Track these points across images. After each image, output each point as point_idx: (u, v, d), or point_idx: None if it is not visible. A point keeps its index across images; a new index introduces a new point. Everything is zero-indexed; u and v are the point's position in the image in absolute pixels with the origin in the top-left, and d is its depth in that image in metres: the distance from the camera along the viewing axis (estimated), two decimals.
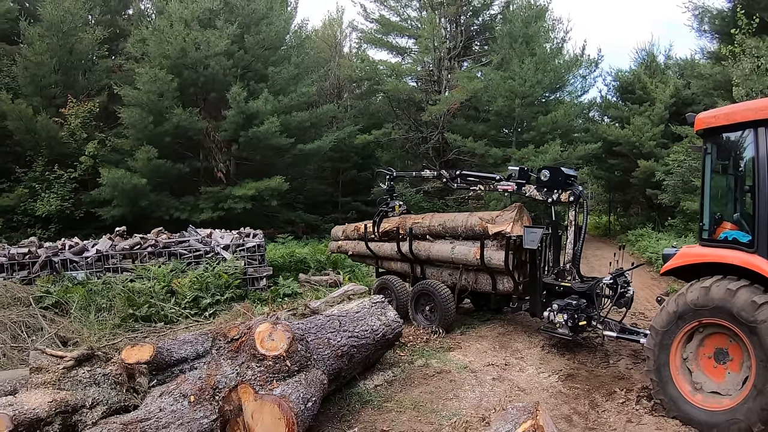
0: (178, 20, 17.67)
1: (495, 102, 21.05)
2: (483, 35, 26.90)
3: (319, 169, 23.78)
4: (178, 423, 3.47)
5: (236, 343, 4.00)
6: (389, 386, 5.66)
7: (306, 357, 4.06)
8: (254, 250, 10.78)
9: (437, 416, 4.88)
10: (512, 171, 7.84)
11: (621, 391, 5.71)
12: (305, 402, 3.77)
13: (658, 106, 22.84)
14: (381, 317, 5.79)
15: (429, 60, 25.06)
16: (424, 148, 24.26)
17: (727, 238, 5.08)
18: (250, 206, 17.78)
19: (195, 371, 4.14)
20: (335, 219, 20.48)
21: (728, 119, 5.00)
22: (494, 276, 7.58)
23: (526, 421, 3.86)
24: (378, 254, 9.28)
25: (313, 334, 4.65)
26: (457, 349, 7.11)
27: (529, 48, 21.45)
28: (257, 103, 17.91)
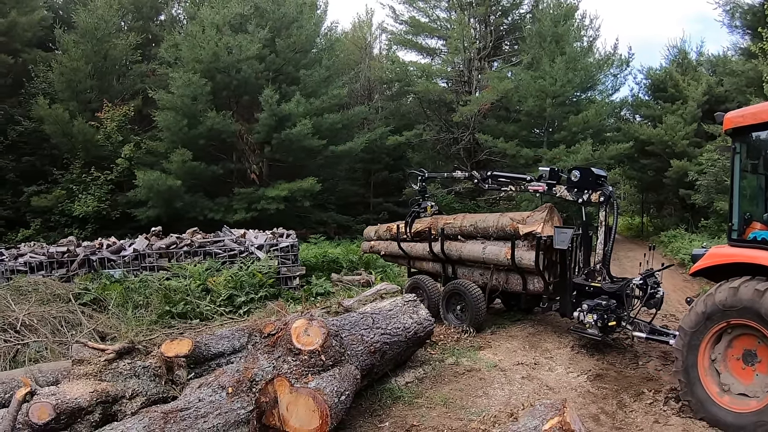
0: (209, 25, 18.10)
1: (526, 102, 21.06)
2: (512, 35, 26.86)
3: (350, 170, 24.03)
4: (216, 413, 3.62)
5: (273, 338, 4.14)
6: (420, 383, 5.74)
7: (340, 352, 4.18)
8: (287, 250, 10.97)
9: (466, 413, 4.96)
10: (543, 172, 7.87)
11: (649, 392, 5.70)
12: (339, 395, 3.88)
13: (691, 104, 22.56)
14: (413, 315, 5.89)
15: (459, 60, 25.08)
16: (455, 149, 24.28)
17: (756, 238, 5.06)
18: (283, 207, 18.11)
19: (232, 365, 4.30)
20: (367, 220, 20.74)
21: (756, 118, 4.99)
22: (525, 276, 7.62)
23: (554, 417, 3.93)
24: (410, 254, 9.36)
25: (347, 331, 4.77)
26: (487, 348, 7.16)
27: (559, 47, 21.39)
28: (289, 106, 18.22)
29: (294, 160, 19.66)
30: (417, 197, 9.88)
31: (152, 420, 3.39)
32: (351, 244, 16.56)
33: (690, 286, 11.36)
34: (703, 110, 22.06)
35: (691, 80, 24.07)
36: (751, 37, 18.04)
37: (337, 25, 26.27)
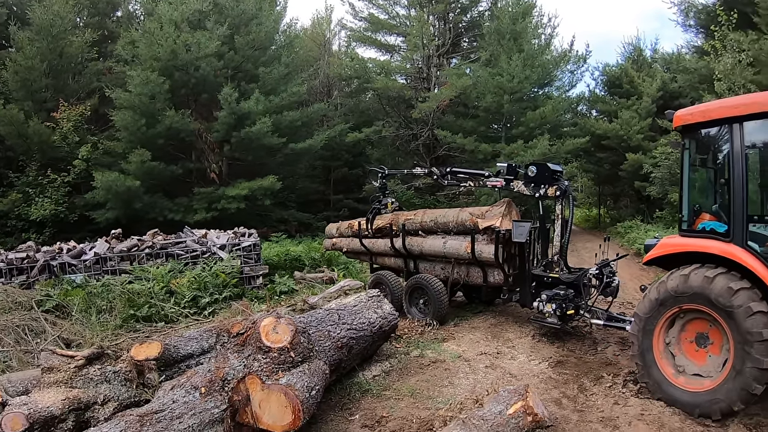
0: (167, 22, 17.82)
1: (484, 98, 21.38)
2: (471, 32, 27.07)
3: (310, 168, 24.02)
4: (190, 413, 3.67)
5: (242, 337, 4.19)
6: (387, 376, 5.88)
7: (308, 348, 4.27)
8: (250, 249, 10.94)
9: (433, 402, 5.12)
10: (501, 167, 8.06)
11: (608, 376, 5.93)
12: (309, 390, 3.97)
13: (646, 100, 23.29)
14: (377, 310, 6.01)
15: (418, 57, 25.28)
16: (414, 145, 24.46)
17: (705, 229, 5.32)
18: (243, 206, 18.00)
19: (203, 365, 4.35)
20: (327, 217, 20.67)
21: (704, 116, 5.23)
22: (485, 269, 7.82)
23: (517, 402, 4.17)
24: (372, 250, 9.48)
25: (314, 327, 4.86)
26: (451, 339, 7.34)
27: (517, 44, 21.77)
28: (248, 104, 18.13)
29: (254, 159, 19.61)
30: (377, 194, 10.00)
31: (128, 424, 3.43)
32: (312, 241, 16.59)
33: (646, 274, 11.77)
34: (657, 105, 22.86)
35: (646, 77, 24.92)
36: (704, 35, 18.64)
37: (296, 22, 26.24)
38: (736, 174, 4.92)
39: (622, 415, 4.99)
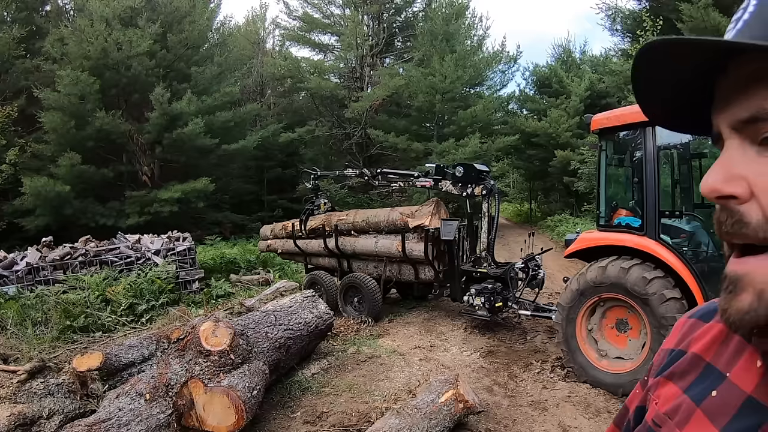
0: (98, 19, 17.22)
1: (416, 98, 21.82)
2: (405, 32, 27.49)
3: (243, 169, 23.77)
4: (137, 420, 3.80)
5: (182, 342, 4.34)
6: (325, 373, 6.08)
7: (247, 350, 4.44)
8: (185, 253, 10.93)
9: (370, 396, 5.38)
10: (429, 168, 8.42)
11: (537, 363, 6.32)
12: (251, 391, 4.15)
13: (574, 99, 24.12)
14: (313, 310, 6.22)
15: (352, 57, 25.43)
16: (347, 145, 24.64)
17: (621, 224, 5.77)
18: (177, 209, 17.73)
19: (145, 372, 4.48)
20: (262, 218, 20.55)
21: (620, 120, 5.67)
22: (416, 266, 8.14)
23: (448, 391, 4.46)
24: (306, 251, 9.70)
25: (252, 329, 5.03)
26: (386, 335, 7.63)
27: (450, 45, 22.36)
28: (180, 104, 17.88)
29: (186, 160, 19.33)
30: (310, 195, 10.20)
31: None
32: (248, 243, 16.55)
33: (574, 266, 12.43)
34: (585, 105, 23.67)
35: (575, 77, 25.82)
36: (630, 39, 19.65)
37: (230, 19, 25.92)
38: (648, 173, 5.35)
39: (550, 398, 5.32)
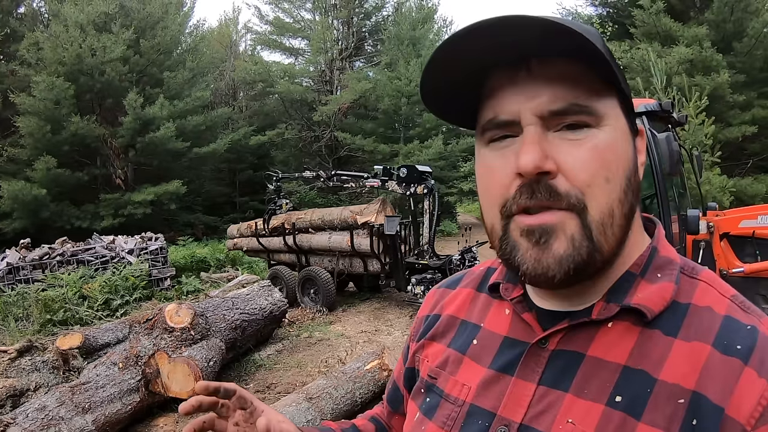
0: (73, 24, 17.60)
1: (382, 101, 22.56)
2: (374, 36, 28.02)
3: (215, 171, 24.26)
4: (111, 384, 4.51)
5: (150, 322, 5.13)
6: (279, 354, 6.74)
7: (206, 328, 5.21)
8: (157, 252, 11.48)
9: (314, 369, 6.10)
10: (378, 170, 9.09)
11: None
12: (208, 361, 4.86)
13: None
14: (268, 298, 6.88)
15: (321, 61, 25.87)
16: (316, 147, 25.09)
17: None
18: (150, 211, 18.17)
19: (119, 346, 5.29)
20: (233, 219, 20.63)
21: None
22: (365, 259, 8.83)
23: (374, 360, 5.12)
24: (269, 248, 10.35)
25: (211, 312, 5.72)
26: (338, 322, 8.32)
27: (416, 49, 23.04)
28: (153, 109, 18.35)
29: (159, 164, 19.85)
30: (273, 196, 10.84)
31: (62, 393, 4.24)
32: (218, 243, 16.98)
33: None
34: None
35: None
36: None
37: (204, 23, 26.16)
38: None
39: None
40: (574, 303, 0.74)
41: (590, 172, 0.65)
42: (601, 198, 0.65)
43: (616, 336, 0.69)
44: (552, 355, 0.72)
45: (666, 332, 0.67)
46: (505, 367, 0.76)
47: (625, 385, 0.65)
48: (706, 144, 10.57)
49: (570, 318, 0.72)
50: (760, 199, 13.32)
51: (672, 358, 0.65)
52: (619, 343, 0.68)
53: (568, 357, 0.71)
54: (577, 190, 0.65)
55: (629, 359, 0.67)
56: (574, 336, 0.72)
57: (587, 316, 0.71)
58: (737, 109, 14.91)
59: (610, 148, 0.66)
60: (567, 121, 0.66)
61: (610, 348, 0.68)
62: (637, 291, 0.70)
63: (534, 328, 0.76)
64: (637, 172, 0.71)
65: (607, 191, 0.66)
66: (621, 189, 0.67)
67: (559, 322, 0.73)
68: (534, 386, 0.71)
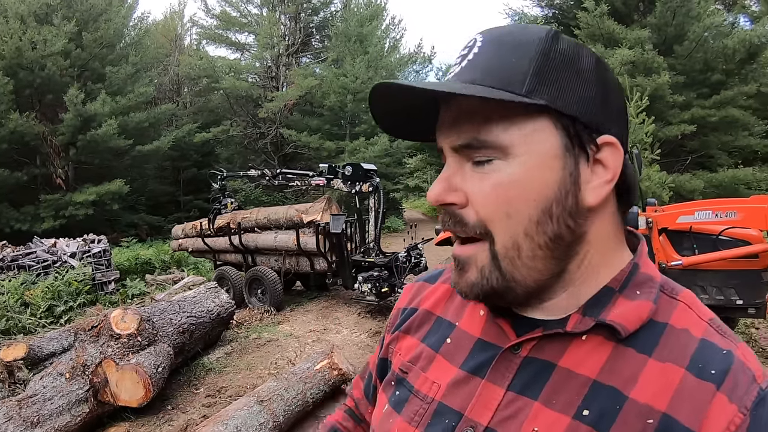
0: (13, 16, 16.93)
1: (328, 98, 22.45)
2: (322, 32, 27.94)
3: (159, 170, 23.73)
4: (59, 395, 4.41)
5: (96, 329, 5.03)
6: (228, 356, 6.68)
7: (153, 333, 5.15)
8: (100, 255, 11.22)
9: (264, 371, 6.09)
10: (323, 168, 9.10)
11: None
12: (156, 367, 4.82)
13: None
14: (215, 300, 6.82)
15: (267, 56, 25.63)
16: (261, 144, 24.94)
17: None
18: (92, 212, 17.74)
19: (65, 355, 5.24)
20: (178, 219, 20.27)
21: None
22: (311, 258, 8.82)
23: (323, 360, 5.15)
24: (214, 248, 10.20)
25: (158, 316, 5.63)
26: (286, 322, 8.28)
27: (363, 46, 23.08)
28: (95, 106, 17.85)
29: (100, 162, 19.42)
30: (218, 195, 10.70)
31: (9, 408, 4.15)
32: (163, 244, 16.60)
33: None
34: None
35: None
36: None
37: (148, 16, 25.28)
38: None
39: None
40: (550, 312, 0.74)
41: (490, 209, 0.67)
42: (503, 233, 0.68)
43: (588, 349, 0.69)
44: (523, 362, 0.73)
45: (640, 350, 0.67)
46: (475, 368, 0.77)
47: (593, 400, 0.66)
48: (645, 142, 11.00)
49: (544, 327, 0.73)
50: (699, 194, 14.07)
51: (644, 377, 0.65)
52: (592, 356, 0.69)
53: (540, 365, 0.71)
54: (481, 222, 0.68)
55: (600, 374, 0.67)
56: (546, 345, 0.72)
57: (562, 327, 0.71)
58: (677, 108, 15.74)
59: (513, 184, 0.67)
60: (475, 156, 0.68)
61: (582, 361, 0.69)
62: (615, 307, 0.70)
63: (507, 334, 0.76)
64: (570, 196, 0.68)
65: (508, 226, 0.67)
66: (531, 223, 0.67)
67: (533, 329, 0.74)
68: (503, 391, 0.72)
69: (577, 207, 0.69)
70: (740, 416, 0.61)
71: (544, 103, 0.65)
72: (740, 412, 0.61)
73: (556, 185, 0.68)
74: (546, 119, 0.67)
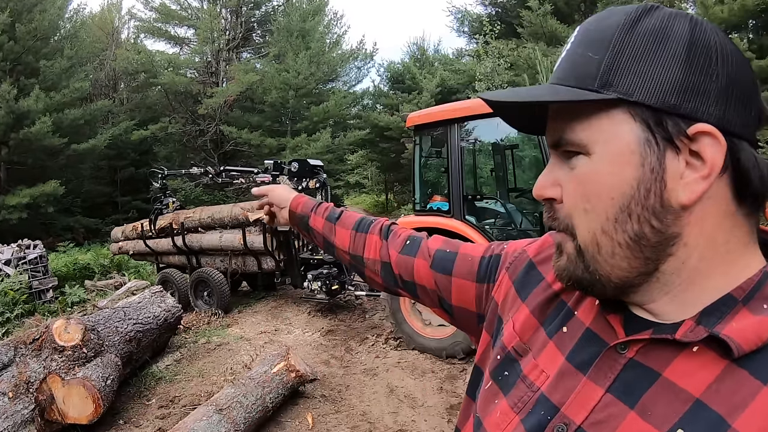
0: None
1: (270, 94, 22.15)
2: (263, 27, 27.41)
3: (95, 169, 22.88)
4: (3, 417, 4.20)
5: (38, 342, 4.76)
6: (178, 363, 6.48)
7: (99, 344, 4.92)
8: (37, 261, 10.79)
9: (218, 377, 5.91)
10: (268, 164, 8.85)
11: (373, 337, 7.07)
12: (105, 380, 4.59)
13: (425, 95, 25.19)
14: (161, 304, 6.59)
15: (207, 51, 25.03)
16: (201, 141, 24.25)
17: (432, 208, 6.58)
18: (26, 215, 16.98)
19: (6, 374, 4.95)
20: (116, 220, 19.75)
21: (429, 118, 6.43)
22: (258, 257, 8.66)
23: (280, 362, 5.08)
24: (157, 250, 9.88)
25: (103, 325, 5.37)
26: (235, 324, 8.08)
27: (305, 42, 22.94)
28: (28, 102, 17.08)
29: (34, 162, 18.59)
30: (159, 195, 10.37)
31: None
32: (102, 248, 16.12)
33: None
34: (436, 100, 24.58)
35: (427, 74, 27.07)
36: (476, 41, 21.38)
37: (84, 7, 24.43)
38: (453, 163, 6.14)
39: (381, 365, 6.05)
40: (659, 316, 0.70)
41: (571, 204, 0.69)
42: (582, 228, 0.69)
43: (698, 364, 0.63)
44: (628, 364, 0.69)
45: (754, 374, 0.59)
46: (581, 363, 0.74)
47: (692, 420, 0.61)
48: None
49: (654, 330, 0.68)
50: None
51: (754, 406, 0.58)
52: (699, 372, 0.63)
53: (643, 371, 0.67)
54: (567, 217, 0.70)
55: (705, 394, 0.61)
56: (654, 350, 0.67)
57: (672, 332, 0.66)
58: None
59: (590, 180, 0.67)
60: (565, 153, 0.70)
61: (688, 375, 0.63)
62: (734, 320, 0.63)
63: (616, 330, 0.73)
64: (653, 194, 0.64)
65: (586, 222, 0.68)
66: (606, 220, 0.66)
67: (642, 330, 0.70)
68: (602, 392, 0.69)
69: (662, 206, 0.64)
70: None
71: (616, 96, 0.63)
72: None
73: (635, 182, 0.64)
74: (622, 112, 0.64)
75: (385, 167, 30.89)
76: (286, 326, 8.06)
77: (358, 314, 8.45)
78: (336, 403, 5.27)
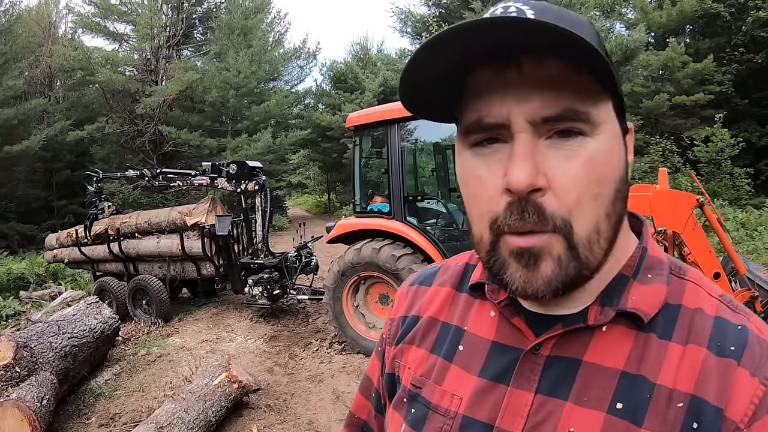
0: None
1: (210, 93, 21.74)
2: (205, 24, 26.92)
3: (29, 172, 21.84)
4: None
5: None
6: (118, 378, 6.28)
7: (33, 362, 4.74)
8: None
9: (159, 392, 5.76)
10: (206, 166, 8.82)
11: (317, 342, 7.03)
12: (41, 400, 4.40)
13: (368, 95, 25.35)
14: (97, 316, 6.38)
15: (147, 48, 24.29)
16: (139, 142, 23.50)
17: (373, 210, 6.62)
18: None
19: None
20: (52, 226, 18.83)
21: (369, 119, 6.48)
22: (197, 263, 8.50)
23: (221, 374, 5.01)
24: (92, 258, 9.56)
25: (36, 341, 5.16)
26: (176, 334, 7.89)
27: (247, 40, 22.62)
28: None
29: None
30: (94, 199, 10.03)
31: None
32: (37, 255, 15.32)
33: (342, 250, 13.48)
34: (378, 100, 24.82)
35: (370, 74, 27.20)
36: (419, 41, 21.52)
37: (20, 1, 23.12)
38: (394, 164, 6.18)
39: (326, 371, 6.01)
40: (565, 306, 0.71)
41: (579, 191, 0.62)
42: (588, 216, 0.63)
43: (612, 340, 0.68)
44: (547, 361, 0.70)
45: (660, 335, 0.67)
46: (498, 375, 0.73)
47: (625, 392, 0.65)
48: None
49: (563, 323, 0.70)
50: None
51: (668, 361, 0.65)
52: (616, 347, 0.67)
53: (565, 363, 0.69)
54: (563, 210, 0.62)
55: (627, 364, 0.66)
56: (568, 341, 0.70)
57: (581, 320, 0.69)
58: None
59: (604, 161, 0.63)
60: (560, 127, 0.62)
61: (607, 353, 0.67)
62: (630, 294, 0.69)
63: (525, 334, 0.73)
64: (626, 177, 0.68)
65: (594, 208, 0.63)
66: (609, 202, 0.65)
67: (551, 326, 0.71)
68: (531, 395, 0.69)
69: (627, 188, 0.68)
70: (762, 388, 0.62)
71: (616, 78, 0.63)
72: (761, 384, 0.62)
73: (622, 163, 0.67)
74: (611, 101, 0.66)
75: (327, 167, 30.89)
76: (228, 334, 7.96)
77: (301, 319, 8.41)
78: (281, 413, 5.24)
